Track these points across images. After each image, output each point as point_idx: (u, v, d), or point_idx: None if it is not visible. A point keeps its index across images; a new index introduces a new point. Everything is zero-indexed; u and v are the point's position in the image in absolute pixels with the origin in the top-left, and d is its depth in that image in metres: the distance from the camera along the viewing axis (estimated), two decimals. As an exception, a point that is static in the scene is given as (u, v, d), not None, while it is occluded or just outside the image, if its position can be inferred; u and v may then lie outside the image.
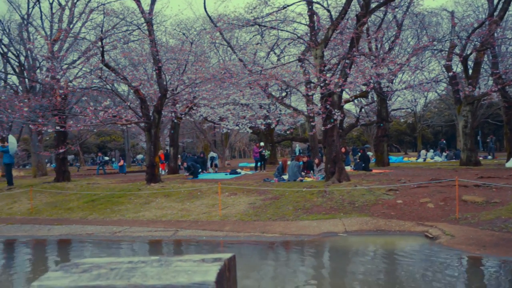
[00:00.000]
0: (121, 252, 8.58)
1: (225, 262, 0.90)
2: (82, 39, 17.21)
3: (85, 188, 14.89)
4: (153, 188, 13.65)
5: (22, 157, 43.08)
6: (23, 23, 19.79)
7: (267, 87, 17.00)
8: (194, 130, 38.60)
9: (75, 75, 17.41)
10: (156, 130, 14.74)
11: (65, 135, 17.06)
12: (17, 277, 7.26)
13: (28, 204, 13.33)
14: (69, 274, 0.86)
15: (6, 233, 10.81)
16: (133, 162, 46.26)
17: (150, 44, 13.99)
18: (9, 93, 19.66)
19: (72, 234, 10.21)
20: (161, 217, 10.84)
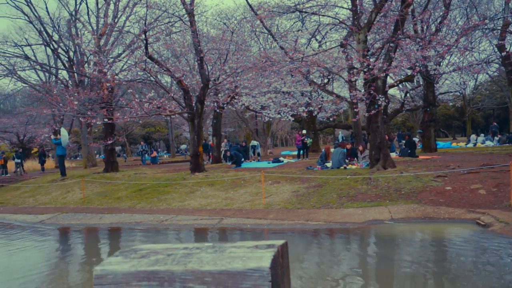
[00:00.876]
0: (169, 240, 8.82)
1: (278, 249, 0.90)
2: (126, 33, 17.65)
3: (132, 178, 15.37)
4: (198, 177, 13.89)
5: (73, 149, 44.97)
6: (71, 19, 20.52)
7: (308, 74, 16.81)
8: (236, 119, 38.87)
9: (121, 68, 17.92)
10: (199, 120, 14.95)
11: (113, 127, 17.64)
12: (77, 262, 7.63)
13: (80, 194, 13.93)
14: (129, 260, 0.89)
15: (61, 222, 11.37)
16: (177, 152, 47.21)
17: (192, 35, 14.14)
18: (60, 88, 20.52)
19: (121, 222, 10.59)
20: (206, 206, 11.03)
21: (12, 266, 7.45)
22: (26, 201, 14.68)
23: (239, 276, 0.81)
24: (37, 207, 13.60)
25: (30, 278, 6.54)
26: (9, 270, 7.20)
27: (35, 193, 15.62)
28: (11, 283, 6.30)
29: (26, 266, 7.34)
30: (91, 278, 5.94)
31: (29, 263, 7.52)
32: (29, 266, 7.29)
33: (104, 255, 8.15)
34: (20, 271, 7.00)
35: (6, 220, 12.39)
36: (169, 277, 0.84)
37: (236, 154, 17.17)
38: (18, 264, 7.54)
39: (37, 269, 7.13)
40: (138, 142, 53.56)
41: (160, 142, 64.96)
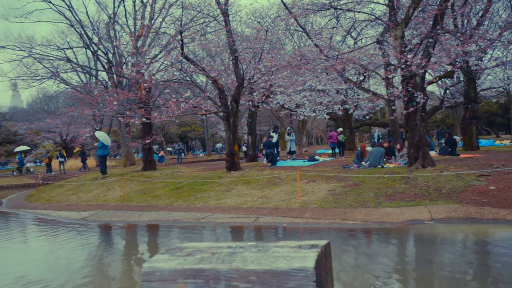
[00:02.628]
0: (206, 238, 8.93)
1: (322, 249, 0.90)
2: (162, 34, 17.98)
3: (170, 176, 15.65)
4: (233, 176, 13.99)
5: (112, 148, 46.27)
6: (110, 22, 21.11)
7: (344, 71, 16.61)
8: (271, 118, 38.89)
9: (158, 69, 18.27)
10: (235, 119, 15.05)
11: (150, 126, 18.03)
12: (121, 257, 7.85)
13: (120, 192, 14.31)
14: (175, 257, 0.92)
15: (102, 218, 11.73)
16: (212, 151, 47.71)
17: (227, 35, 14.25)
18: (100, 89, 21.15)
19: (160, 220, 10.81)
20: (242, 204, 11.09)
21: (61, 259, 7.76)
22: (70, 198, 15.23)
23: (283, 275, 0.82)
24: (80, 204, 14.08)
25: (78, 270, 6.79)
26: (59, 263, 7.49)
27: (77, 191, 16.18)
28: (62, 274, 6.56)
29: (73, 260, 7.62)
30: (135, 272, 6.08)
31: (74, 257, 7.80)
32: (75, 260, 7.56)
33: (145, 252, 8.35)
34: (67, 265, 7.28)
35: (52, 216, 12.90)
36: (214, 275, 0.86)
37: (272, 152, 17.18)
38: (64, 258, 7.85)
39: (80, 262, 7.39)
40: (174, 141, 54.54)
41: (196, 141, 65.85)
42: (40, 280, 6.38)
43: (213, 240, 8.75)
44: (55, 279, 6.43)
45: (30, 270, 7.13)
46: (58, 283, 6.17)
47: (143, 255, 8.10)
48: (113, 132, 39.48)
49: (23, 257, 8.43)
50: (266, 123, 45.37)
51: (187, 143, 60.48)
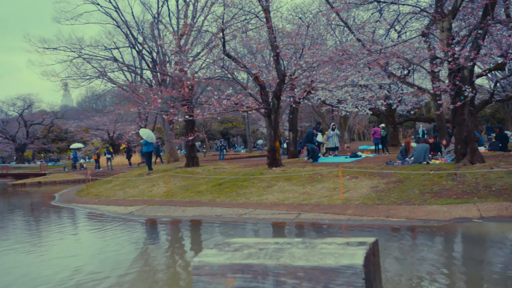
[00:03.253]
0: (249, 234, 9.01)
1: (370, 246, 0.89)
2: (205, 32, 18.21)
3: (212, 173, 15.87)
4: (275, 172, 14.02)
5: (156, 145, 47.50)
6: (154, 21, 21.63)
7: (387, 66, 16.22)
8: (312, 114, 38.57)
9: (200, 67, 18.54)
10: (276, 116, 15.05)
11: (193, 123, 18.35)
12: (169, 252, 8.07)
13: (164, 188, 14.67)
14: (223, 252, 0.94)
15: (148, 213, 12.08)
16: (254, 147, 47.92)
17: (268, 31, 14.25)
18: (145, 87, 21.72)
19: (203, 215, 11.00)
20: (283, 200, 11.10)
21: (110, 252, 8.07)
22: (117, 193, 15.77)
23: (331, 272, 0.82)
24: (126, 199, 14.55)
25: (126, 263, 7.04)
26: (109, 255, 7.80)
27: (124, 186, 16.72)
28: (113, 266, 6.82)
29: (122, 253, 7.90)
30: (180, 266, 6.23)
31: (123, 251, 8.09)
32: (123, 253, 7.85)
33: (190, 246, 8.53)
34: (117, 258, 7.56)
35: (100, 211, 13.42)
36: (263, 270, 0.87)
37: (313, 148, 17.06)
38: (114, 251, 8.15)
39: (128, 256, 7.65)
40: (216, 137, 55.24)
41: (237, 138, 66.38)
42: (92, 272, 6.66)
43: (256, 236, 8.81)
44: (106, 271, 6.69)
45: (83, 262, 7.46)
46: (108, 275, 6.42)
47: (188, 250, 8.28)
48: (157, 129, 40.45)
49: (77, 250, 8.83)
50: (307, 119, 45.07)
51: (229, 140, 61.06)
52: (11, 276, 6.73)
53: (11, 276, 6.73)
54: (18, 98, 48.64)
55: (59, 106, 68.46)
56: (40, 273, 6.75)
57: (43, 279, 6.40)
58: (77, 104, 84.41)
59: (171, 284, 6.04)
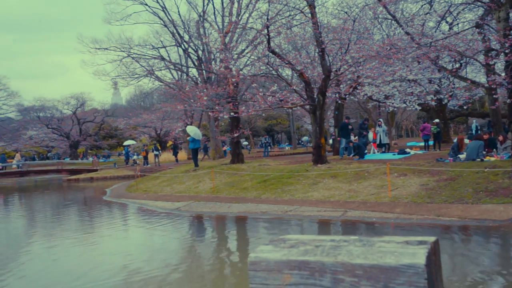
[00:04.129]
0: (295, 230, 9.00)
1: (431, 246, 0.86)
2: (249, 29, 18.30)
3: (257, 169, 15.95)
4: (320, 169, 13.89)
5: (202, 142, 48.34)
6: (200, 20, 21.96)
7: (438, 59, 15.66)
8: (358, 110, 37.92)
9: (245, 64, 18.67)
10: (321, 112, 14.91)
11: (238, 120, 18.50)
12: (215, 247, 8.21)
13: (210, 184, 14.89)
14: (279, 248, 0.94)
15: (194, 209, 12.32)
16: (298, 144, 47.70)
17: (313, 27, 14.12)
18: (191, 85, 22.13)
19: (248, 211, 11.08)
20: (329, 198, 10.98)
21: (159, 247, 8.30)
22: (164, 189, 16.17)
23: (391, 271, 0.80)
24: (174, 195, 14.89)
25: (174, 257, 7.23)
26: (157, 249, 8.03)
27: (171, 182, 17.13)
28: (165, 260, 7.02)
29: (170, 247, 8.11)
30: (226, 260, 6.31)
31: (171, 245, 8.30)
32: (172, 247, 8.05)
33: (236, 242, 8.63)
34: (165, 252, 7.77)
35: (149, 206, 13.82)
36: (320, 267, 0.86)
37: (359, 145, 16.76)
38: (162, 245, 8.38)
39: (176, 250, 7.85)
40: (261, 134, 55.44)
41: (281, 134, 66.32)
42: (141, 266, 6.87)
43: (301, 233, 8.77)
44: (155, 265, 6.89)
45: (133, 256, 7.72)
46: (157, 268, 6.60)
47: (235, 246, 8.38)
48: (203, 126, 41.13)
49: (127, 244, 9.16)
50: (352, 115, 44.36)
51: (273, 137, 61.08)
52: (67, 267, 7.07)
53: (66, 267, 7.07)
54: (71, 97, 50.95)
55: (109, 104, 71.03)
56: (94, 266, 7.04)
57: (97, 270, 6.67)
58: (126, 102, 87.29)
59: (220, 279, 6.13)
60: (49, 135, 51.33)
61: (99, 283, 5.99)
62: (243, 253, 7.65)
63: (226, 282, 6.01)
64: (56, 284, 6.20)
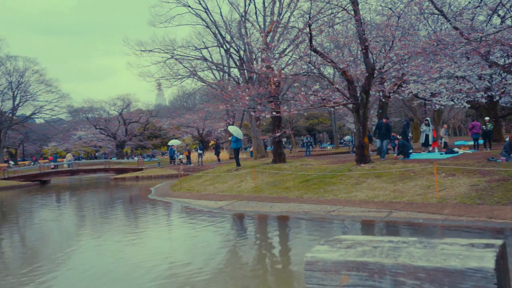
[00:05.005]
0: (339, 231, 8.88)
1: (499, 249, 0.82)
2: (291, 28, 18.24)
3: (299, 169, 15.86)
4: (363, 168, 13.64)
5: (243, 141, 48.66)
6: (241, 20, 22.11)
7: (488, 54, 15.00)
8: (402, 108, 36.98)
9: (286, 63, 18.61)
10: (364, 111, 14.64)
11: (280, 119, 18.47)
12: (258, 246, 8.25)
13: (252, 183, 14.95)
14: (336, 249, 0.92)
15: (237, 208, 12.41)
16: (340, 143, 47.08)
17: (356, 24, 13.88)
18: (232, 85, 22.32)
19: (290, 211, 11.04)
20: (373, 198, 10.77)
21: (202, 244, 8.43)
22: (207, 188, 16.39)
23: (457, 275, 0.77)
24: (216, 194, 15.06)
25: (217, 254, 7.31)
26: (200, 246, 8.16)
27: (214, 181, 17.34)
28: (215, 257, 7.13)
29: (213, 245, 8.21)
30: (274, 259, 6.31)
31: (214, 243, 8.40)
32: (214, 245, 8.15)
33: (278, 241, 8.62)
34: (209, 249, 7.88)
35: (193, 205, 14.05)
36: (379, 269, 0.84)
37: (404, 144, 16.32)
38: (206, 243, 8.50)
39: (218, 247, 7.93)
40: (302, 133, 55.13)
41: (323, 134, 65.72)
42: (186, 263, 7.00)
43: (345, 233, 8.65)
44: (199, 263, 6.99)
45: (178, 253, 7.87)
46: (202, 266, 6.70)
47: (278, 245, 8.37)
48: (244, 126, 41.40)
49: (172, 241, 9.35)
50: (396, 114, 43.30)
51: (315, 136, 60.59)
52: (113, 264, 7.30)
53: (113, 264, 7.30)
54: (118, 98, 52.64)
55: (153, 105, 72.85)
56: (139, 262, 7.24)
57: (142, 266, 6.85)
58: (169, 103, 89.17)
59: (264, 278, 6.14)
60: (97, 135, 53.30)
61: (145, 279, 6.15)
62: (288, 252, 7.64)
63: (271, 281, 6.01)
64: (120, 276, 6.41)
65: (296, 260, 6.87)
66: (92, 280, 6.30)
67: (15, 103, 50.14)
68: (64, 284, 6.29)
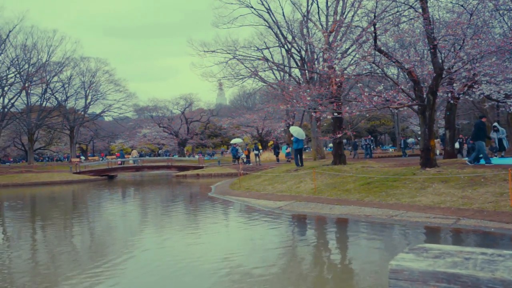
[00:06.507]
0: (402, 237, 8.59)
1: None
2: (355, 27, 17.88)
3: (360, 171, 15.51)
4: (429, 172, 13.08)
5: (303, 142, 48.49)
6: (303, 20, 22.00)
7: None
8: (472, 111, 35.13)
9: (349, 63, 18.27)
10: (431, 112, 14.03)
11: (341, 120, 18.18)
12: (316, 248, 8.17)
13: (311, 184, 14.83)
14: (422, 258, 0.87)
15: (296, 209, 12.36)
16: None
17: (424, 22, 13.34)
18: (293, 85, 22.25)
19: (350, 214, 10.82)
20: (439, 204, 10.29)
21: (260, 243, 8.48)
22: (266, 188, 16.46)
23: None
24: (275, 194, 15.09)
25: (275, 255, 7.32)
26: (258, 244, 8.21)
27: (273, 181, 17.38)
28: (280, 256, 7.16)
29: (271, 245, 8.23)
30: (325, 263, 6.22)
31: (272, 243, 8.41)
32: (272, 245, 8.16)
33: (338, 245, 8.48)
34: (266, 249, 7.90)
35: (252, 204, 14.17)
36: (473, 282, 0.78)
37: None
38: (264, 242, 8.54)
39: (277, 248, 7.93)
40: (363, 135, 53.93)
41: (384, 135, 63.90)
42: (243, 262, 7.06)
43: (409, 239, 8.33)
44: (256, 262, 7.02)
45: (236, 252, 7.97)
46: (258, 266, 6.73)
47: (335, 248, 8.24)
48: (304, 126, 41.19)
49: (231, 240, 9.49)
50: (465, 116, 41.18)
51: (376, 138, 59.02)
52: (175, 261, 7.51)
53: (174, 260, 7.52)
54: (181, 97, 54.33)
55: (214, 105, 74.37)
56: (198, 260, 7.40)
57: (200, 263, 7.00)
58: (230, 102, 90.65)
59: (320, 280, 6.06)
60: (160, 133, 55.31)
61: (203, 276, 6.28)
62: (348, 256, 7.49)
63: (331, 285, 5.92)
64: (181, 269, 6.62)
65: (360, 266, 6.72)
66: (157, 278, 6.53)
67: (87, 102, 53.25)
68: (128, 279, 6.57)
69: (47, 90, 48.94)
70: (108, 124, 64.02)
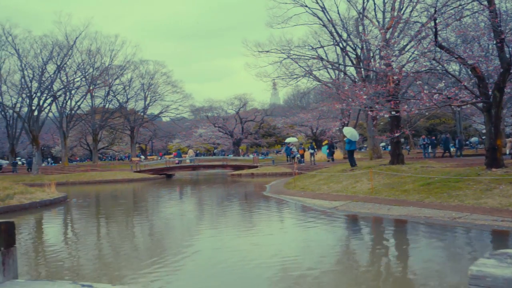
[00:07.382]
0: (468, 240, 8.24)
1: None
2: (414, 23, 17.31)
3: (419, 171, 15.00)
4: (495, 173, 12.42)
5: (358, 141, 47.55)
6: (359, 17, 21.58)
7: None
8: (542, 108, 32.89)
9: (407, 60, 17.68)
10: (497, 110, 13.30)
11: (399, 119, 17.66)
12: (372, 250, 8.03)
13: (368, 184, 14.53)
14: (506, 264, 0.85)
15: (352, 209, 12.17)
16: (466, 145, 43.44)
17: (490, 15, 12.66)
18: (348, 83, 21.90)
19: (409, 215, 10.50)
20: (508, 206, 9.73)
21: (315, 243, 8.44)
22: (321, 188, 16.33)
23: None
24: (330, 194, 14.93)
25: (330, 256, 7.27)
26: (313, 245, 8.18)
27: (328, 181, 17.20)
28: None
29: (327, 245, 8.18)
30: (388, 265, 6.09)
31: (328, 243, 8.35)
32: (328, 246, 8.10)
33: (394, 247, 8.27)
34: (322, 249, 7.86)
35: (307, 203, 14.12)
36: None
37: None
38: (319, 242, 8.50)
39: (332, 248, 7.85)
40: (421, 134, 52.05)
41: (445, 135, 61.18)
42: (299, 261, 7.06)
43: (473, 243, 7.97)
44: (311, 262, 7.00)
45: (292, 251, 7.99)
46: (313, 267, 6.70)
47: (393, 251, 8.04)
48: (359, 125, 40.37)
49: (287, 239, 9.52)
50: (534, 114, 38.60)
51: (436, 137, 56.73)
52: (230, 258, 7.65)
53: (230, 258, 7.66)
54: (235, 97, 55.06)
55: (268, 104, 74.56)
56: (254, 258, 7.48)
57: (256, 262, 7.08)
58: (284, 102, 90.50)
59: (381, 285, 5.95)
60: (216, 133, 56.39)
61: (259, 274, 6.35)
62: (406, 260, 7.29)
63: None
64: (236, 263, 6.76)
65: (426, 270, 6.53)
66: (216, 277, 6.69)
67: (146, 103, 55.34)
68: (188, 276, 6.78)
69: (110, 92, 51.47)
70: (165, 124, 66.15)
